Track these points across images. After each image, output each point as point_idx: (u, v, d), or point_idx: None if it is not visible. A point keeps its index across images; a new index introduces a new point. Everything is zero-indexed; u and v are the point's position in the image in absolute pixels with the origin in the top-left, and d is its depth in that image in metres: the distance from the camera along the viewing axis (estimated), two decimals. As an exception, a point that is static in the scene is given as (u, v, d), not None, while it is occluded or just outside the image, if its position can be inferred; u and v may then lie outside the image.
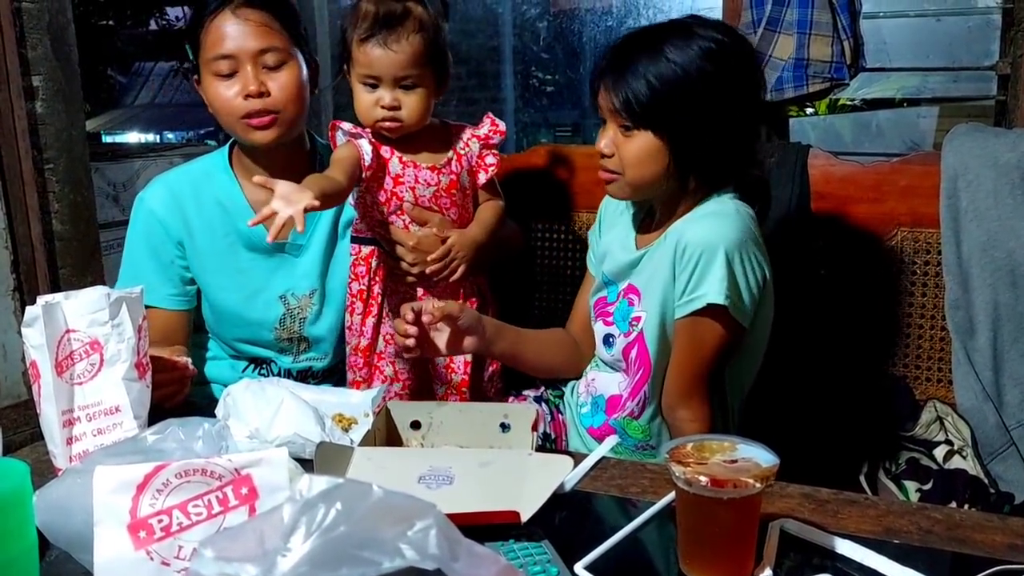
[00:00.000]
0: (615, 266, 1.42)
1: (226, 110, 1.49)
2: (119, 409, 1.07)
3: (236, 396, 1.19)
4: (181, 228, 1.56)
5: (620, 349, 1.37)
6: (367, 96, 1.43)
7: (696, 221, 1.30)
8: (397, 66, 1.39)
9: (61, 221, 3.08)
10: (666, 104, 1.23)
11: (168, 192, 1.58)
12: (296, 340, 1.63)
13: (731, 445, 0.89)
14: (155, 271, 1.57)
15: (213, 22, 1.47)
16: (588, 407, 1.44)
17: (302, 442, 1.10)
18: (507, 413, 1.13)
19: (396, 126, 1.44)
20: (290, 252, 1.60)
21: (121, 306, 1.07)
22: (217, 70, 1.47)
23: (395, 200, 1.49)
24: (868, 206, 1.76)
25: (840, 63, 1.76)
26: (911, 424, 1.68)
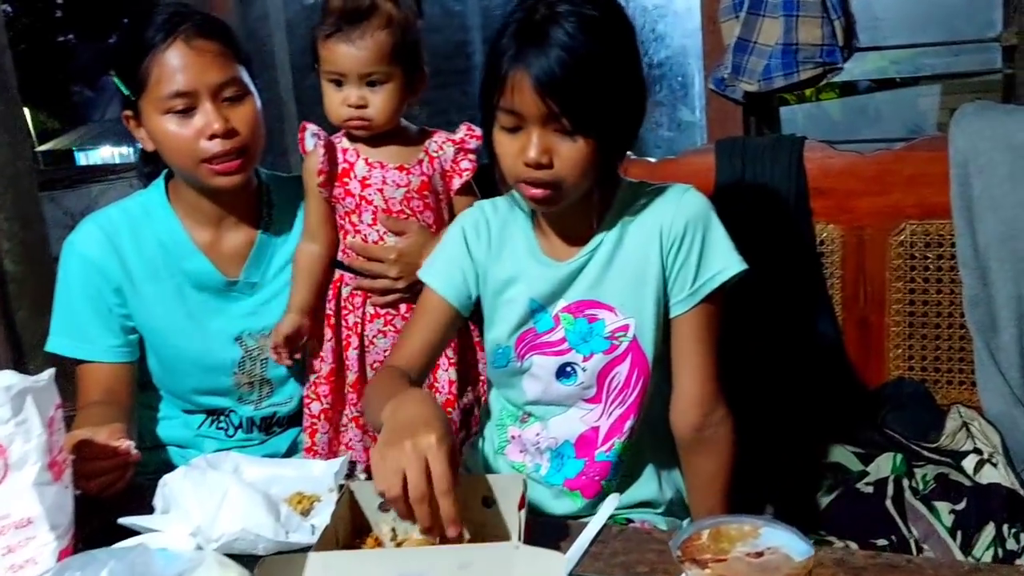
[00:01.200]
0: (540, 289, 1.21)
1: (185, 152, 1.35)
2: (31, 521, 0.91)
3: (173, 487, 1.03)
4: (119, 272, 1.43)
5: (593, 373, 1.21)
6: (334, 95, 1.38)
7: (664, 201, 1.18)
8: (361, 63, 1.34)
9: (13, 260, 2.92)
10: (609, 104, 1.06)
11: (102, 234, 1.44)
12: (258, 384, 1.52)
13: (753, 529, 0.74)
14: (94, 321, 1.43)
15: (162, 54, 1.32)
16: (547, 465, 1.27)
17: (252, 538, 0.95)
18: (490, 486, 0.98)
19: (363, 124, 1.39)
20: (243, 291, 1.49)
21: (25, 399, 0.91)
22: (170, 107, 1.33)
23: (364, 204, 1.42)
24: (872, 199, 1.62)
25: (832, 45, 1.61)
26: (935, 434, 1.55)
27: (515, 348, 1.24)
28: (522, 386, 1.25)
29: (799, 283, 1.66)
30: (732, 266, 1.16)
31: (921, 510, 1.39)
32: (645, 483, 1.28)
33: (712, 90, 1.79)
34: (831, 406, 1.64)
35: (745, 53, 1.65)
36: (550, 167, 1.07)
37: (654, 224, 1.16)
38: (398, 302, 1.45)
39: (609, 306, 1.19)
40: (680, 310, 1.18)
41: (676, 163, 1.76)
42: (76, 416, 1.38)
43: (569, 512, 1.24)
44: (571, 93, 1.03)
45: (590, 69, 1.03)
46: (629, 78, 1.09)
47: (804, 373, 1.65)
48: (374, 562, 0.85)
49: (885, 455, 1.51)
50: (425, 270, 1.28)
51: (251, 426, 1.55)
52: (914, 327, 1.63)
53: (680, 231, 1.15)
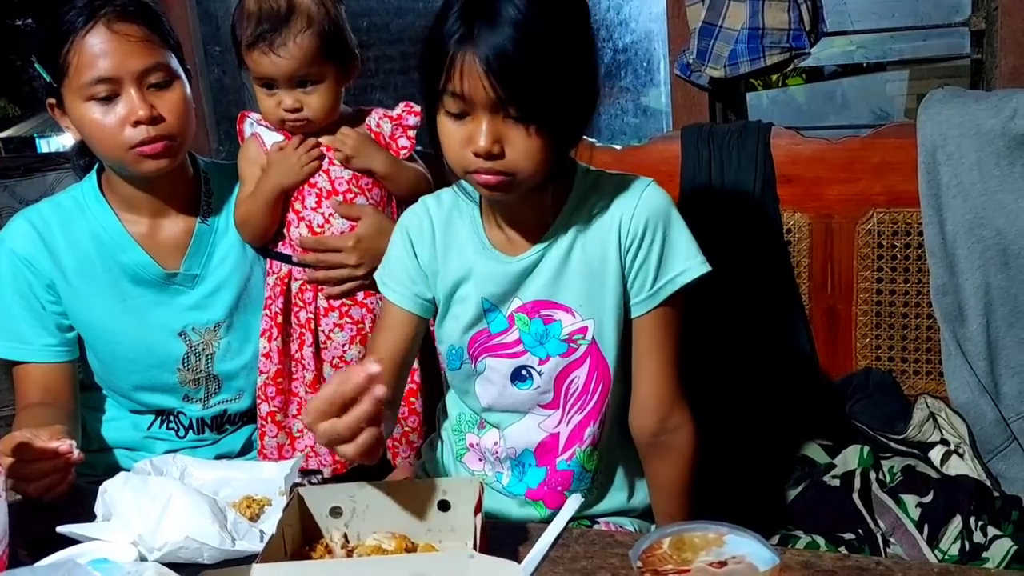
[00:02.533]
0: (491, 287, 1.14)
1: (110, 140, 1.29)
2: (-40, 533, 0.86)
3: (113, 494, 0.98)
4: (51, 268, 1.38)
5: (550, 378, 1.14)
6: (268, 99, 1.36)
7: (624, 196, 1.11)
8: (289, 69, 1.31)
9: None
10: (563, 89, 0.98)
11: (31, 229, 1.38)
12: (204, 380, 1.46)
13: (717, 537, 0.71)
14: (27, 320, 1.38)
15: (83, 39, 1.26)
16: (508, 474, 1.21)
17: (197, 546, 0.90)
18: (446, 489, 0.94)
19: (303, 126, 1.37)
20: (184, 284, 1.43)
21: (-49, 406, 0.85)
22: (93, 94, 1.28)
23: (308, 188, 1.39)
24: (840, 187, 1.60)
25: (799, 30, 1.58)
26: (902, 425, 1.54)
27: (468, 349, 1.17)
28: (476, 390, 1.19)
29: (766, 272, 1.64)
30: (694, 268, 1.10)
31: (888, 503, 1.38)
32: (615, 492, 1.24)
33: (677, 75, 1.75)
34: (798, 397, 1.63)
35: (711, 38, 1.62)
36: (501, 156, 0.99)
37: (612, 220, 1.10)
38: (355, 290, 1.40)
39: (566, 307, 1.13)
40: (639, 311, 1.12)
41: (642, 150, 1.72)
42: (16, 418, 1.33)
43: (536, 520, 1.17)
44: (523, 77, 0.94)
45: (543, 50, 0.95)
46: (584, 60, 1.02)
47: (771, 363, 1.63)
48: (322, 574, 0.81)
49: (852, 447, 1.49)
50: (379, 277, 1.22)
51: (202, 426, 1.49)
52: (881, 316, 1.61)
53: (640, 229, 1.09)
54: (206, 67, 2.36)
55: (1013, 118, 1.45)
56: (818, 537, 1.36)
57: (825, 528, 1.38)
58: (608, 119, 1.98)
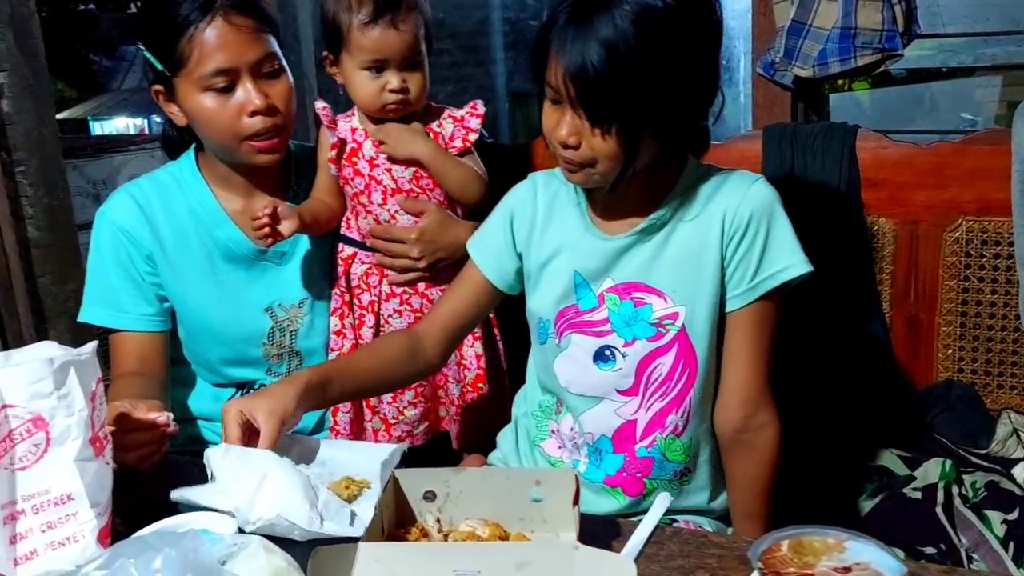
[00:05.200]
0: (585, 262, 1.16)
1: (227, 130, 1.34)
2: (72, 497, 0.88)
3: (214, 463, 1.00)
4: (151, 240, 1.42)
5: (633, 361, 1.15)
6: (372, 83, 1.37)
7: (730, 188, 1.13)
8: (405, 47, 1.35)
9: (37, 227, 2.89)
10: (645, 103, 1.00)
11: (133, 203, 1.42)
12: (287, 355, 1.50)
13: (837, 543, 0.70)
14: (127, 290, 1.42)
15: (202, 32, 1.30)
16: (585, 460, 1.21)
17: (287, 524, 0.91)
18: (539, 480, 0.94)
19: (404, 108, 1.40)
20: (272, 260, 1.47)
21: (68, 372, 0.87)
22: (211, 85, 1.31)
23: (374, 184, 1.42)
24: (927, 193, 1.56)
25: (892, 31, 1.55)
26: (984, 440, 1.50)
27: (554, 324, 1.19)
28: (556, 368, 1.20)
29: (847, 278, 1.61)
30: (797, 265, 1.11)
31: (971, 519, 1.35)
32: (697, 491, 1.23)
33: (760, 74, 1.73)
34: (877, 407, 1.60)
35: (800, 36, 1.59)
36: (577, 148, 1.04)
37: (717, 210, 1.11)
38: (417, 280, 1.43)
39: (659, 291, 1.14)
40: (736, 305, 1.13)
41: (721, 149, 1.69)
42: (111, 386, 1.36)
43: (611, 511, 1.18)
44: (597, 90, 0.99)
45: (625, 70, 0.97)
46: (684, 75, 1.02)
47: (850, 372, 1.61)
48: (427, 556, 0.81)
49: (934, 460, 1.46)
50: (471, 242, 1.28)
51: None
52: (966, 327, 1.57)
53: (744, 221, 1.09)
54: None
55: (1115, 128, 1.40)
56: (898, 550, 1.33)
57: (905, 541, 1.35)
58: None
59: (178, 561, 0.64)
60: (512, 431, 1.33)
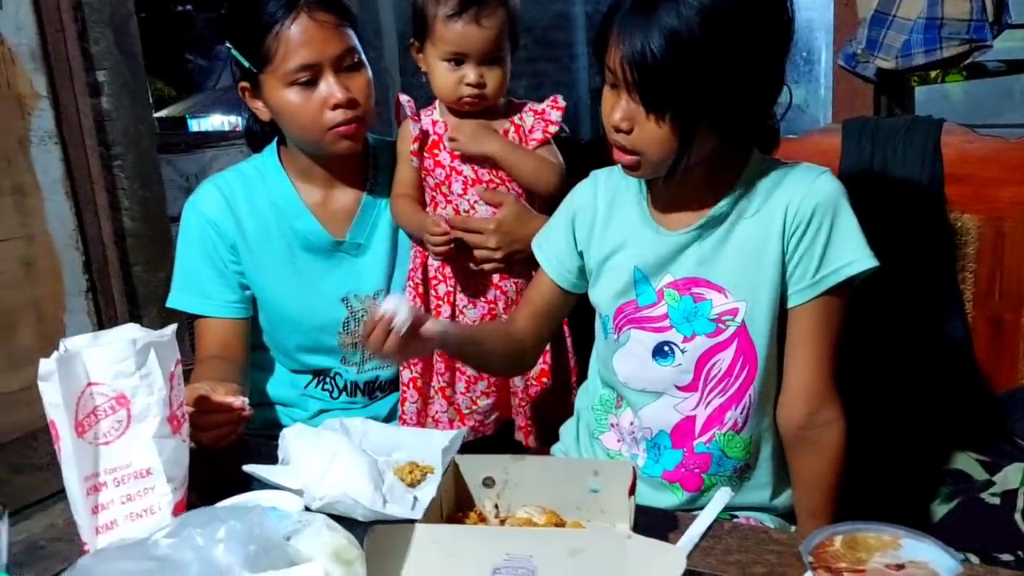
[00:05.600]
0: (645, 257, 1.16)
1: (312, 123, 1.39)
2: (150, 472, 0.93)
3: (289, 443, 1.04)
4: (234, 231, 1.48)
5: (693, 357, 1.14)
6: (450, 74, 1.38)
7: (794, 181, 1.11)
8: (486, 42, 1.36)
9: (132, 218, 3.03)
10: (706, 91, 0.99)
11: (219, 194, 1.48)
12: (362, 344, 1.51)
13: (892, 540, 0.69)
14: (212, 278, 1.48)
15: (287, 29, 1.34)
16: (643, 455, 1.21)
17: (351, 503, 0.94)
18: (597, 471, 0.95)
19: (480, 102, 1.41)
20: (349, 252, 1.51)
21: (149, 353, 0.92)
22: (296, 80, 1.36)
23: (455, 175, 1.43)
24: (1015, 189, 1.50)
25: (980, 21, 1.49)
26: (1072, 445, 1.44)
27: (613, 319, 1.19)
28: (615, 363, 1.20)
29: (929, 276, 1.56)
30: (862, 260, 1.08)
31: (1053, 526, 1.30)
32: (759, 488, 1.22)
33: (841, 67, 1.69)
34: (956, 409, 1.55)
35: (883, 27, 1.55)
36: (629, 133, 1.05)
37: (779, 203, 1.09)
38: (493, 272, 1.44)
39: (719, 286, 1.13)
40: (798, 300, 1.11)
41: (799, 143, 1.67)
42: (194, 369, 1.42)
43: (670, 507, 1.18)
44: (654, 76, 0.98)
45: (686, 58, 0.97)
46: (745, 71, 1.00)
47: (929, 372, 1.56)
48: (481, 539, 0.83)
49: (1014, 465, 1.41)
50: (535, 241, 1.30)
51: (355, 389, 1.57)
52: (1054, 329, 1.51)
53: (807, 214, 1.08)
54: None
55: None
56: (972, 556, 1.30)
57: (980, 547, 1.31)
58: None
59: (242, 533, 0.68)
60: (574, 424, 1.34)
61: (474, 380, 1.47)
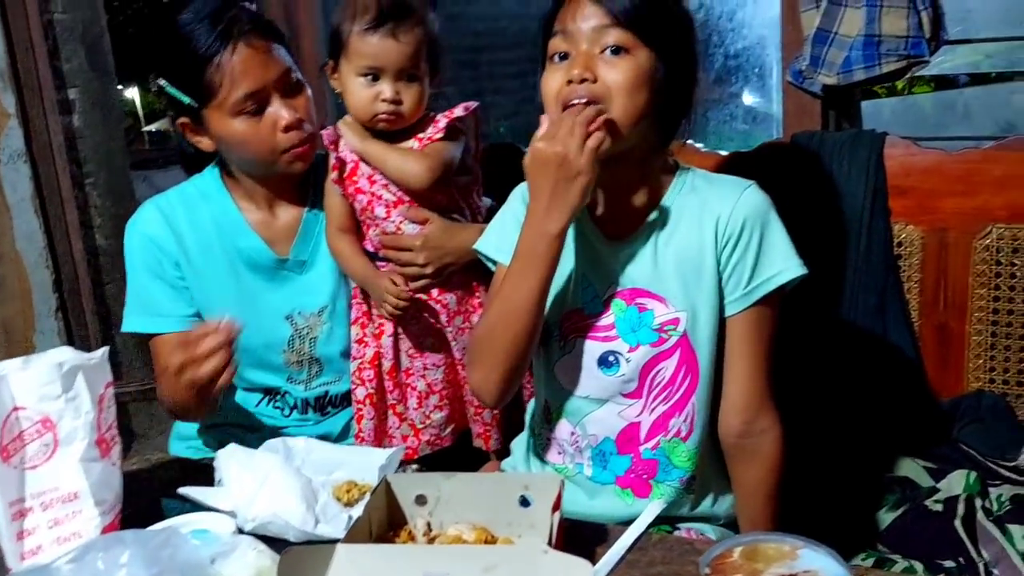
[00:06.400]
0: (591, 267, 1.16)
1: (265, 148, 1.40)
2: (77, 495, 0.94)
3: (222, 464, 1.05)
4: (176, 249, 1.47)
5: (637, 366, 1.15)
6: (366, 91, 1.37)
7: (723, 194, 1.12)
8: (403, 57, 1.35)
9: (104, 235, 3.03)
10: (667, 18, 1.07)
11: (159, 214, 1.49)
12: (307, 362, 1.54)
13: (791, 550, 0.70)
14: (165, 294, 1.48)
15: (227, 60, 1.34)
16: (589, 464, 1.21)
17: (283, 523, 0.95)
18: (528, 484, 0.96)
19: (395, 119, 1.39)
20: (293, 269, 1.51)
21: (76, 376, 0.93)
22: (243, 109, 1.37)
23: (376, 200, 1.42)
24: (957, 200, 1.53)
25: (918, 38, 1.52)
26: (1013, 452, 1.46)
27: (561, 326, 1.19)
28: (557, 370, 1.20)
29: (874, 286, 1.58)
30: (791, 269, 1.10)
31: (993, 533, 1.31)
32: (704, 495, 1.22)
33: (790, 82, 1.72)
34: (903, 417, 1.57)
35: (825, 44, 1.57)
36: (594, 82, 1.05)
37: (710, 216, 1.11)
38: (429, 287, 1.44)
39: (660, 296, 1.14)
40: (733, 310, 1.13)
41: (749, 156, 1.69)
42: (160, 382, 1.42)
43: (624, 516, 1.15)
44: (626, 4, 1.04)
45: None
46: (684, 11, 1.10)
47: (876, 381, 1.58)
48: (399, 558, 0.84)
49: (958, 472, 1.43)
50: (483, 243, 1.25)
51: (305, 406, 1.57)
52: (997, 337, 1.53)
53: (738, 227, 1.10)
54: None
55: None
56: (916, 563, 1.31)
57: (924, 554, 1.32)
58: (716, 124, 1.96)
59: (146, 558, 0.69)
60: (524, 438, 1.35)
61: (425, 395, 1.48)
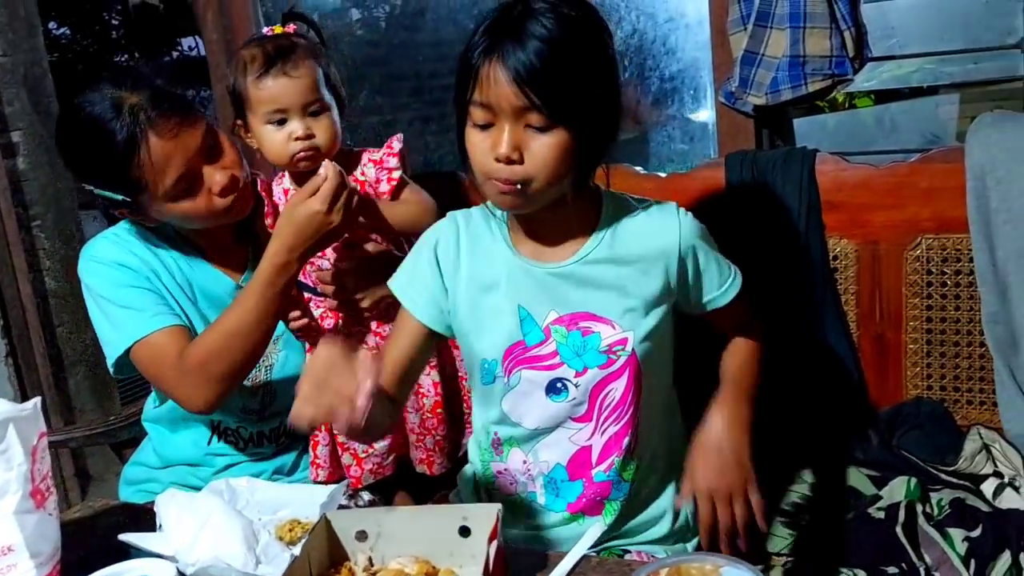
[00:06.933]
0: (526, 295, 1.15)
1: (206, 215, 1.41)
2: (12, 548, 0.93)
3: (161, 509, 1.05)
4: (142, 266, 1.45)
5: (586, 390, 1.16)
6: (278, 135, 1.39)
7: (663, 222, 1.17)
8: (303, 92, 1.37)
9: (54, 278, 2.99)
10: (583, 98, 1.04)
11: (113, 242, 1.47)
12: (261, 391, 1.53)
13: (713, 568, 0.72)
14: (136, 297, 1.41)
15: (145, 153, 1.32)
16: (542, 492, 1.22)
17: (224, 567, 0.95)
18: (466, 516, 0.97)
19: (313, 155, 1.40)
20: None
21: (7, 429, 0.93)
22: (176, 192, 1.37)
23: None
24: (886, 213, 1.57)
25: (841, 57, 1.57)
26: (953, 456, 1.49)
27: (502, 362, 1.17)
28: (505, 405, 1.19)
29: (812, 299, 1.62)
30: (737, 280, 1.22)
31: (934, 537, 1.34)
32: (652, 510, 1.24)
33: (722, 103, 1.76)
34: (846, 427, 1.60)
35: (752, 66, 1.62)
36: (520, 163, 1.03)
37: (653, 245, 1.14)
38: (368, 319, 1.46)
39: (605, 319, 1.14)
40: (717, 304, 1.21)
41: (687, 177, 1.73)
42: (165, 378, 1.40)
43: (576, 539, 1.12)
44: (547, 81, 1.00)
45: (567, 60, 1.01)
46: (605, 78, 1.06)
47: (817, 392, 1.61)
48: (335, 595, 0.84)
49: (899, 479, 1.46)
50: (394, 282, 1.24)
51: (260, 438, 1.56)
52: (932, 345, 1.57)
53: (697, 245, 1.16)
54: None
55: (1066, 142, 1.41)
56: (860, 571, 1.34)
57: (868, 562, 1.35)
58: (656, 146, 1.99)
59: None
60: (471, 471, 1.34)
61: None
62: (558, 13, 1.02)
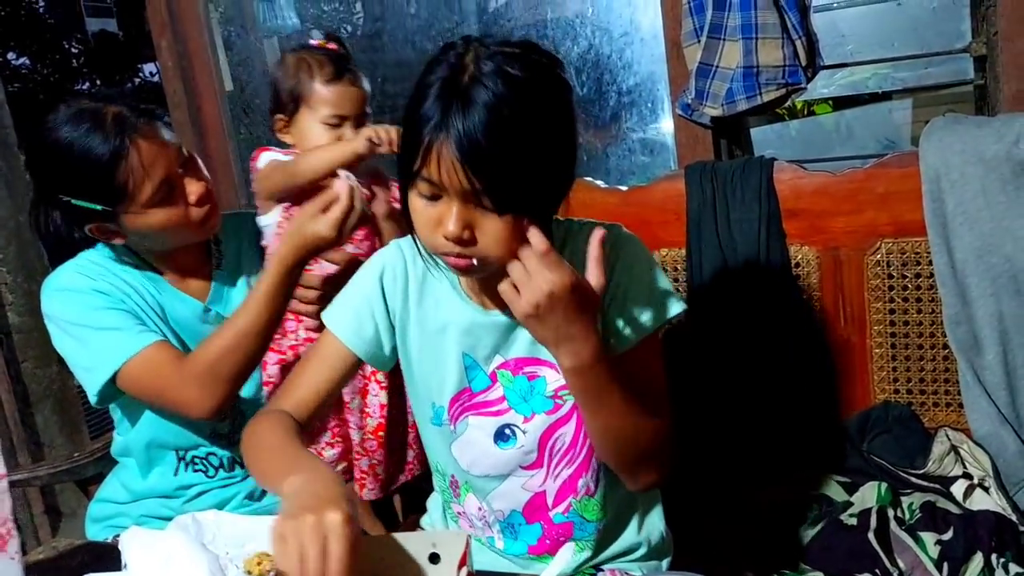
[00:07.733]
0: (472, 341, 1.08)
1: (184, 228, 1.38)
2: (-32, 599, 0.91)
3: (124, 548, 1.02)
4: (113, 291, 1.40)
5: (535, 436, 1.09)
6: (329, 135, 1.45)
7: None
8: (363, 102, 1.46)
9: (17, 312, 2.95)
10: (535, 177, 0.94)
11: (85, 268, 1.42)
12: (231, 413, 1.49)
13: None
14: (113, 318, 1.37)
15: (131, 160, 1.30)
16: (500, 537, 1.18)
17: (191, 607, 0.93)
18: (435, 542, 0.96)
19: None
20: (214, 323, 1.47)
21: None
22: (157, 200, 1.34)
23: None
24: (845, 219, 1.59)
25: (794, 66, 1.58)
26: (922, 459, 1.50)
27: (448, 410, 1.12)
28: (455, 452, 1.14)
29: (776, 307, 1.63)
30: (674, 306, 1.08)
31: (907, 541, 1.35)
32: (625, 533, 1.19)
33: (680, 115, 1.77)
34: (815, 433, 1.61)
35: (707, 78, 1.63)
36: (473, 243, 0.94)
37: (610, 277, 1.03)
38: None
39: (550, 363, 1.06)
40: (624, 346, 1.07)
41: (647, 190, 1.73)
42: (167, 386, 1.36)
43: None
44: (497, 169, 0.90)
45: (516, 136, 0.90)
46: (560, 142, 0.96)
47: (785, 400, 1.62)
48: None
49: (870, 484, 1.47)
50: (329, 313, 1.14)
51: (232, 463, 1.54)
52: (897, 348, 1.59)
53: (629, 282, 1.06)
54: (233, 127, 2.46)
55: (1017, 143, 1.43)
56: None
57: (841, 569, 1.35)
58: (616, 160, 2.00)
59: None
60: (440, 500, 1.30)
61: (319, 431, 1.48)
62: (510, 79, 0.91)
